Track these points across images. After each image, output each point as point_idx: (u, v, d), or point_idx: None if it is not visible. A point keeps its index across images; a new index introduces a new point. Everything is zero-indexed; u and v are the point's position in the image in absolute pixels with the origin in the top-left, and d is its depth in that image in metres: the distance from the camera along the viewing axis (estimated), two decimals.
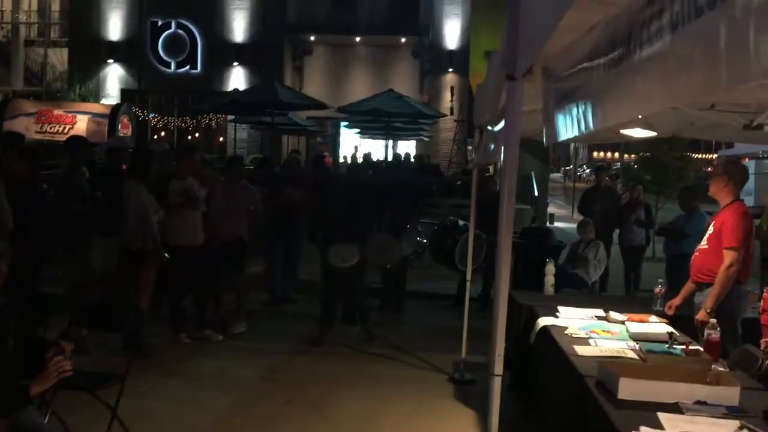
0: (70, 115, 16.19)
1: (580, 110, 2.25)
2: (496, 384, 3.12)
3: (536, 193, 17.70)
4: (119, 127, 16.04)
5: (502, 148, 3.18)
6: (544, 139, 2.78)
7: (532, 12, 2.59)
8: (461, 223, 9.70)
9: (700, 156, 27.44)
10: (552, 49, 2.53)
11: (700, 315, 4.63)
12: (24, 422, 3.07)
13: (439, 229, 10.03)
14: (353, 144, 22.41)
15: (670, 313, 4.85)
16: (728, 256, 4.59)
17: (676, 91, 1.43)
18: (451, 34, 20.95)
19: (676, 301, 4.97)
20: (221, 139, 21.85)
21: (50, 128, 15.81)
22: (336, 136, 22.95)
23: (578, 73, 2.27)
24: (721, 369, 3.37)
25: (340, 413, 5.24)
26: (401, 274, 8.70)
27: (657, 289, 5.24)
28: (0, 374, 2.97)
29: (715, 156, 26.47)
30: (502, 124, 3.91)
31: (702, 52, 1.25)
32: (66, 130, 15.04)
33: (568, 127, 2.40)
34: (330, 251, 7.07)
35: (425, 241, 10.11)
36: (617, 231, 9.87)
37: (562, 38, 2.35)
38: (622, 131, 4.95)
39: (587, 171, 42.77)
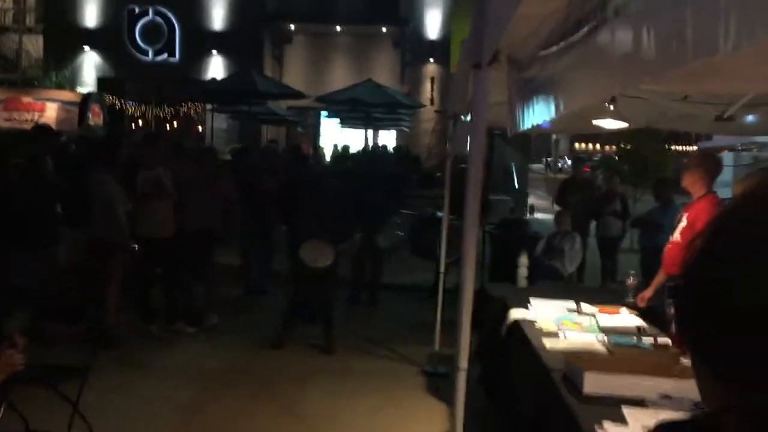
0: (39, 102, 15.87)
1: (539, 99, 2.20)
2: (461, 378, 3.07)
3: (516, 185, 17.72)
4: (90, 115, 15.75)
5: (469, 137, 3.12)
6: (508, 129, 2.72)
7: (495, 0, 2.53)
8: (440, 214, 9.69)
9: (679, 148, 27.60)
10: (515, 38, 2.48)
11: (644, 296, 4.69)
12: None
13: (417, 222, 9.99)
14: (333, 135, 22.29)
15: (641, 305, 4.82)
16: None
17: (616, 77, 1.38)
18: (432, 25, 20.85)
19: (648, 293, 4.95)
20: (200, 128, 21.63)
21: (18, 116, 15.48)
22: (317, 126, 22.80)
23: (536, 61, 2.22)
24: (687, 362, 3.34)
25: (306, 408, 5.18)
26: (377, 267, 8.55)
27: (629, 281, 5.22)
28: None
29: (695, 148, 26.64)
30: None
31: (637, 36, 1.20)
32: (35, 118, 14.73)
33: (528, 115, 2.35)
34: (301, 250, 6.60)
35: (402, 234, 10.02)
36: (594, 222, 9.88)
37: (523, 26, 2.30)
38: (594, 122, 4.92)
39: (569, 162, 42.95)
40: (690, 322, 0.65)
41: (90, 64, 20.85)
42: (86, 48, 20.63)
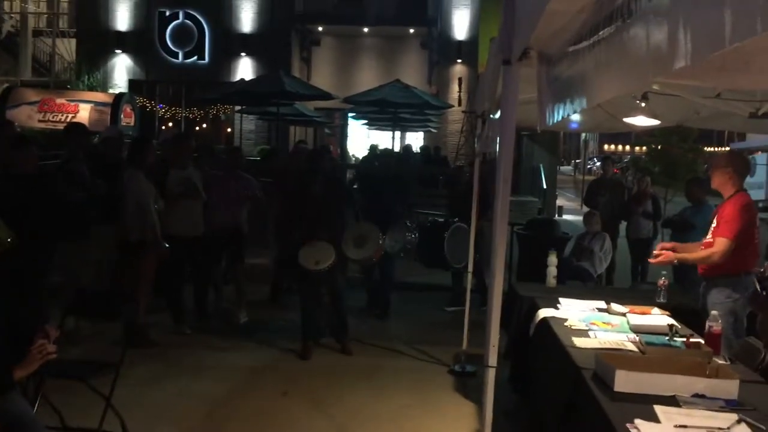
0: (72, 104, 16.15)
1: (569, 93, 2.19)
2: (491, 375, 3.06)
3: (544, 185, 17.62)
4: (122, 116, 15.99)
5: (497, 136, 3.10)
6: (537, 125, 2.71)
7: None
8: (440, 219, 9.53)
9: (711, 149, 27.23)
10: (545, 33, 2.46)
11: (666, 254, 4.64)
12: (8, 408, 3.04)
13: (422, 234, 9.75)
14: (361, 136, 22.35)
15: (657, 252, 4.78)
16: (718, 244, 4.52)
17: (648, 67, 1.37)
18: (460, 25, 20.80)
19: (669, 245, 4.91)
20: (229, 129, 21.82)
21: (53, 117, 15.77)
22: (344, 127, 22.87)
23: (566, 56, 2.20)
24: (721, 362, 3.30)
25: (335, 405, 5.19)
26: (389, 269, 7.93)
27: (660, 282, 5.16)
28: None
29: (727, 149, 26.23)
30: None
31: (672, 24, 1.19)
32: (68, 119, 14.97)
33: (557, 110, 2.34)
34: (300, 254, 6.21)
35: (413, 236, 9.76)
36: (624, 223, 9.78)
37: (553, 21, 2.29)
38: (625, 120, 4.88)
39: (597, 164, 42.56)
40: None
41: (121, 67, 21.15)
42: (118, 51, 20.93)
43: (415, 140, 21.76)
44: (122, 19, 21.04)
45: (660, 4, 1.30)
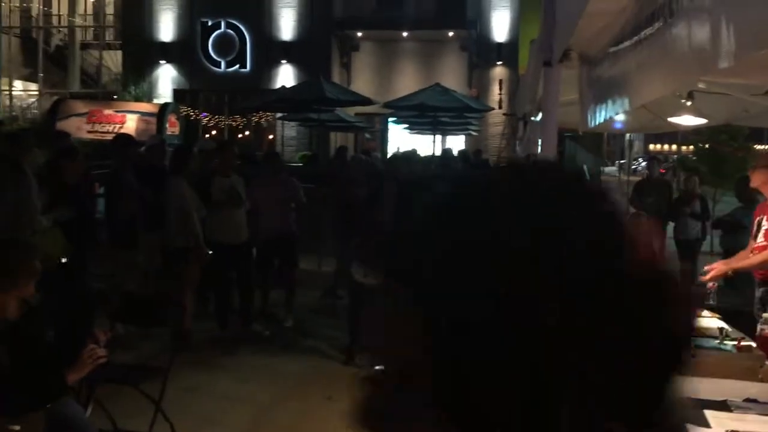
0: (119, 114, 16.54)
1: (611, 94, 2.16)
2: None
3: None
4: (167, 125, 16.31)
5: (539, 138, 3.08)
6: (579, 127, 2.68)
7: None
8: None
9: (762, 147, 26.46)
10: (585, 34, 2.44)
11: (716, 266, 4.49)
12: (63, 412, 3.12)
13: None
14: (399, 142, 22.34)
15: (707, 268, 4.64)
16: None
17: (692, 67, 1.34)
18: (500, 27, 20.68)
19: (725, 266, 4.73)
20: (270, 137, 22.06)
21: (101, 128, 16.17)
22: (384, 132, 22.92)
23: (608, 57, 2.18)
24: None
25: None
26: None
27: (710, 284, 5.05)
28: (39, 366, 3.02)
29: None
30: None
31: (714, 22, 1.17)
32: (116, 130, 15.33)
33: (600, 111, 2.31)
34: (353, 264, 5.90)
35: None
36: (671, 224, 9.59)
37: (593, 22, 2.26)
38: (670, 119, 4.79)
39: (642, 164, 41.80)
40: None
41: (166, 77, 21.57)
42: (162, 61, 21.35)
43: (456, 144, 21.68)
44: (165, 30, 21.46)
45: (702, 2, 1.28)
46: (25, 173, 5.28)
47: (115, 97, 20.91)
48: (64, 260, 5.14)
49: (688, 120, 4.55)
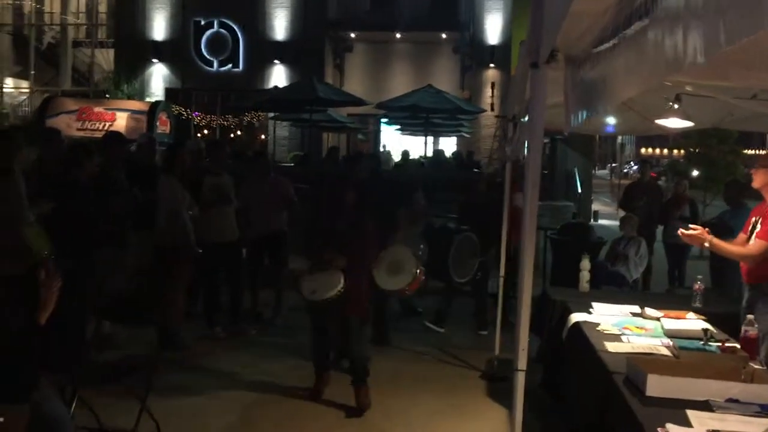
0: (109, 112, 16.51)
1: (588, 95, 2.18)
2: (520, 379, 3.04)
3: (579, 190, 17.43)
4: (158, 123, 16.27)
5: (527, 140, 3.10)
6: (564, 129, 2.69)
7: None
8: (451, 225, 8.61)
9: (752, 151, 26.64)
10: (571, 35, 2.45)
11: (701, 232, 4.34)
12: (46, 411, 3.11)
13: (428, 237, 8.48)
14: (394, 141, 22.37)
15: (692, 227, 4.50)
16: (756, 245, 4.33)
17: (666, 64, 1.36)
18: (492, 29, 20.74)
19: (709, 237, 4.54)
20: (263, 136, 22.05)
21: (90, 125, 16.14)
22: (377, 133, 22.94)
23: (590, 58, 2.20)
24: (756, 366, 3.24)
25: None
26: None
27: (696, 286, 5.08)
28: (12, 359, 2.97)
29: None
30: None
31: (685, 23, 1.18)
32: (106, 127, 15.30)
33: (580, 112, 2.33)
34: (302, 282, 5.19)
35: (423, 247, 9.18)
36: (661, 227, 9.63)
37: (578, 23, 2.28)
38: (657, 122, 4.81)
39: (634, 167, 41.96)
40: None
41: (158, 76, 21.52)
42: (155, 60, 21.31)
43: (448, 145, 21.72)
44: (158, 29, 21.41)
45: (671, 5, 1.30)
46: (13, 171, 5.25)
47: (107, 95, 20.84)
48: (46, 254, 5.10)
49: (674, 122, 4.56)
